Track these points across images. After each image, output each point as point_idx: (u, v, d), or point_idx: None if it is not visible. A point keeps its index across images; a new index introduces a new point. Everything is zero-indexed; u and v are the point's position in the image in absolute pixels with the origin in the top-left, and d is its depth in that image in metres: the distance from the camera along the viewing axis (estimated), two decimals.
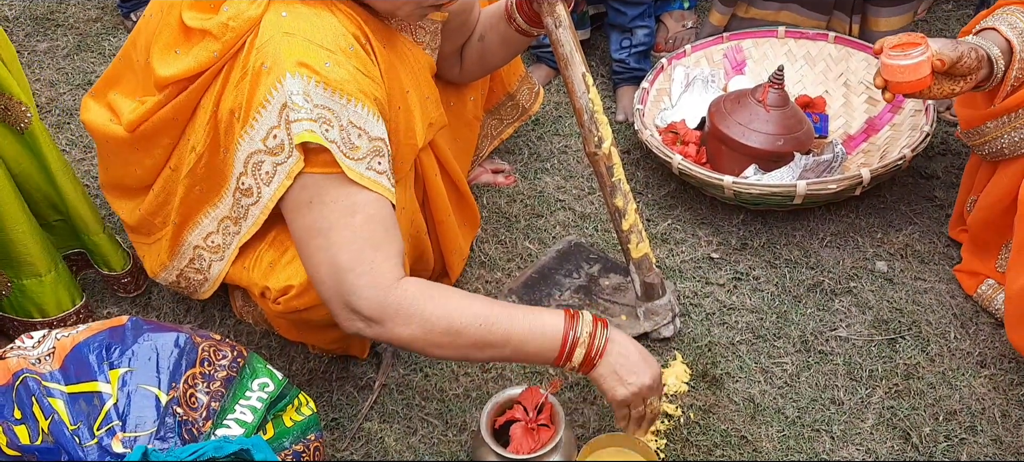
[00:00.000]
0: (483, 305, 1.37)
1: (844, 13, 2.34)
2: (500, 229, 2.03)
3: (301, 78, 1.28)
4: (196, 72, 1.39)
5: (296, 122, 1.28)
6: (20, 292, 1.69)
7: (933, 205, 2.03)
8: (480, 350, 1.37)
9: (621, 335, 1.43)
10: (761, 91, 2.03)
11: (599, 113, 1.62)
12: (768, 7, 2.37)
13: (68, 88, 2.53)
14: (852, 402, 1.64)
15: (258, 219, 1.42)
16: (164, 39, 1.44)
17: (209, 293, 1.62)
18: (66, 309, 1.74)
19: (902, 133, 2.07)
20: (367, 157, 1.33)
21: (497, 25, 1.74)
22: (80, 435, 1.16)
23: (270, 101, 1.30)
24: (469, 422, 1.64)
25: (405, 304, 1.32)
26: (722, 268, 1.92)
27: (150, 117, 1.48)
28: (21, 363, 1.21)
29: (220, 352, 1.30)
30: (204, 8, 1.39)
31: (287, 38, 1.30)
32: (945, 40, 1.53)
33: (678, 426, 1.61)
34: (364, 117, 1.33)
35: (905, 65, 1.47)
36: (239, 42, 1.34)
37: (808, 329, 1.78)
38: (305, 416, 1.35)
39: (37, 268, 1.67)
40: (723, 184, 1.89)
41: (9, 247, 1.63)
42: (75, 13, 2.82)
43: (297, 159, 1.31)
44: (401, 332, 1.33)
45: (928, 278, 1.87)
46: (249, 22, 1.33)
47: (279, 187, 1.35)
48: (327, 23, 1.33)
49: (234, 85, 1.36)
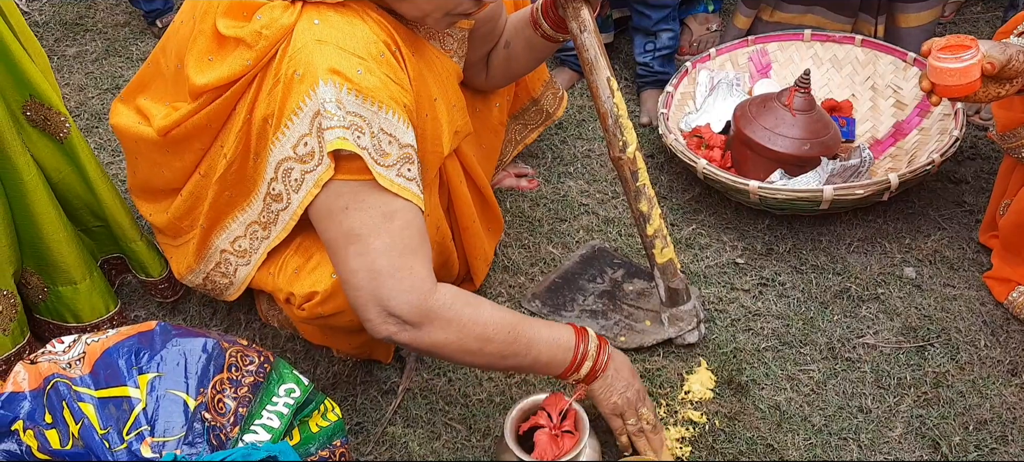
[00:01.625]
0: (509, 314, 1.42)
1: (870, 14, 2.31)
2: (524, 233, 2.03)
3: (334, 85, 1.29)
4: (230, 80, 1.40)
5: (329, 129, 1.29)
6: (56, 298, 1.72)
7: (962, 210, 2.00)
8: (504, 359, 1.41)
9: (617, 354, 1.52)
10: (787, 95, 2.01)
11: (624, 118, 1.62)
12: (792, 10, 2.35)
13: (96, 92, 2.56)
14: (880, 410, 1.63)
15: (288, 225, 1.44)
16: (199, 47, 1.45)
17: (235, 295, 1.64)
18: (100, 315, 1.77)
19: (930, 137, 2.04)
20: (397, 164, 1.34)
21: (523, 31, 1.74)
22: (110, 440, 1.18)
23: (303, 108, 1.31)
24: (493, 427, 1.64)
25: (444, 309, 1.34)
26: (747, 273, 1.90)
27: (183, 123, 1.49)
28: (52, 368, 1.23)
29: (247, 358, 1.31)
30: (238, 16, 1.40)
31: (319, 45, 1.31)
32: (992, 43, 1.50)
33: (703, 433, 1.60)
34: (394, 124, 1.33)
35: (955, 68, 1.43)
36: (272, 50, 1.35)
37: (835, 336, 1.76)
38: (331, 422, 1.36)
39: (72, 275, 1.70)
40: (749, 189, 1.88)
41: (46, 254, 1.66)
42: (103, 18, 2.85)
43: (327, 166, 1.32)
44: (437, 337, 1.35)
45: (957, 284, 1.84)
46: (282, 30, 1.34)
47: (307, 195, 1.36)
48: (359, 31, 1.34)
49: (267, 92, 1.37)
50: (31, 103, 1.59)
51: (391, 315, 1.33)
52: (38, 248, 1.65)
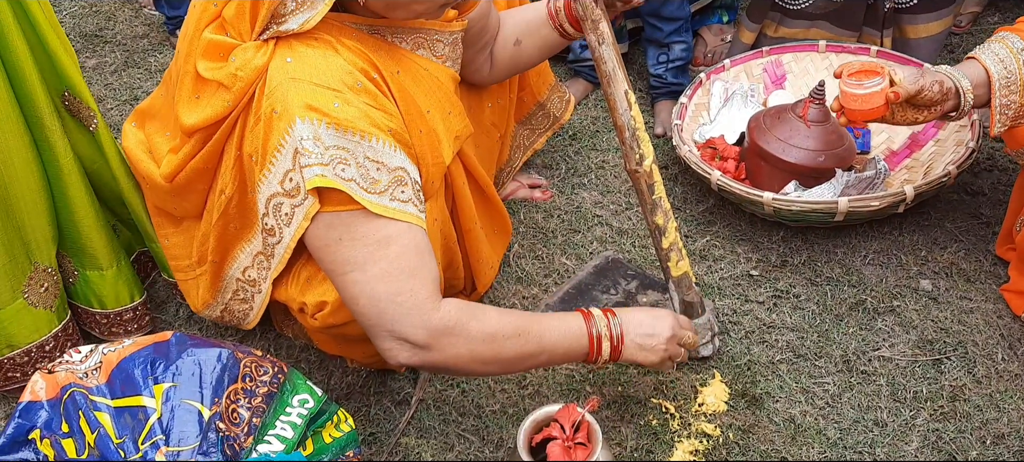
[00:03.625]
0: (515, 316, 1.42)
1: (874, 28, 2.31)
2: (537, 244, 2.03)
3: (310, 122, 1.29)
4: (215, 120, 1.44)
5: (307, 167, 1.30)
6: (84, 282, 1.76)
7: (979, 223, 1.98)
8: (520, 361, 1.42)
9: (626, 313, 1.49)
10: (802, 106, 2.00)
11: (641, 130, 1.62)
12: (796, 25, 2.35)
13: (115, 103, 2.59)
14: (896, 424, 1.61)
15: (283, 258, 1.45)
16: (185, 88, 1.49)
17: (253, 323, 1.66)
18: (124, 304, 1.80)
19: (947, 149, 2.03)
20: (389, 189, 1.35)
21: (538, 30, 1.74)
22: (125, 449, 1.19)
23: (284, 146, 1.32)
24: (505, 439, 1.64)
25: (450, 324, 1.34)
26: (761, 285, 1.89)
27: (184, 168, 1.53)
28: (69, 377, 1.24)
29: (261, 368, 1.32)
30: (215, 58, 1.42)
31: (294, 83, 1.31)
32: (912, 70, 1.58)
33: (717, 446, 1.60)
34: (380, 150, 1.34)
35: (858, 94, 1.54)
36: (250, 90, 1.37)
37: (850, 349, 1.75)
38: (344, 433, 1.36)
39: (100, 262, 1.74)
40: (763, 200, 1.87)
41: (78, 237, 1.70)
42: (123, 30, 2.89)
43: (312, 202, 1.33)
44: (449, 353, 1.35)
45: (974, 297, 1.83)
46: (256, 71, 1.36)
47: (298, 228, 1.37)
48: (332, 63, 1.34)
49: (250, 131, 1.39)
50: (67, 96, 1.64)
51: (400, 339, 1.33)
52: (71, 231, 1.70)
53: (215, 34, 1.42)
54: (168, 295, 1.97)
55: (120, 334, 1.81)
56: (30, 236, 1.63)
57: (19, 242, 1.61)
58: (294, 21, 1.33)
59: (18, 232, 1.61)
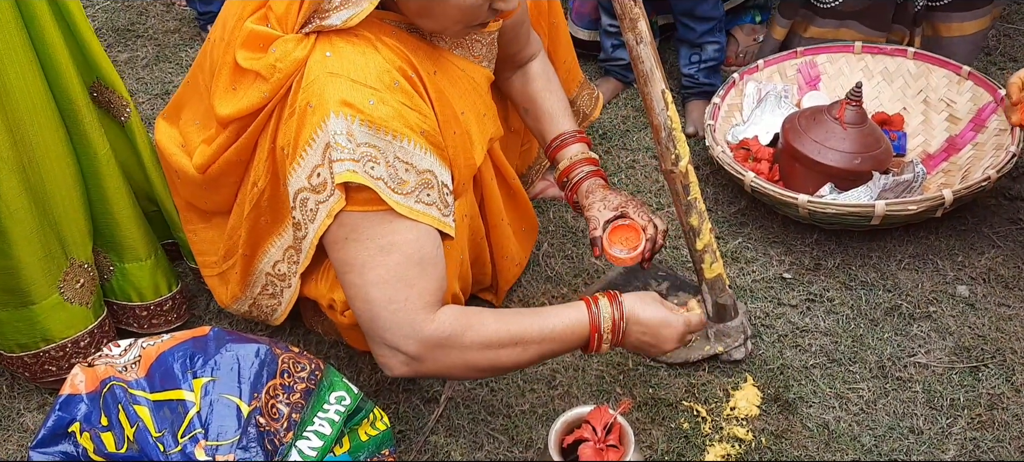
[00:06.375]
0: (515, 323, 1.40)
1: (903, 26, 2.28)
2: (567, 243, 2.02)
3: (344, 118, 1.30)
4: (251, 111, 1.44)
5: (338, 162, 1.30)
6: (122, 275, 1.77)
7: (1018, 228, 1.95)
8: (518, 366, 1.44)
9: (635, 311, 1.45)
10: (838, 108, 1.98)
11: (677, 131, 1.61)
12: (826, 24, 2.33)
13: (147, 97, 2.61)
14: (932, 432, 1.59)
15: (308, 253, 1.45)
16: (223, 78, 1.49)
17: (281, 319, 1.67)
18: (162, 294, 1.81)
19: (986, 153, 2.00)
20: (416, 190, 1.35)
21: (543, 139, 1.78)
22: (164, 442, 1.19)
23: (315, 140, 1.32)
24: (535, 439, 1.63)
25: (443, 336, 1.34)
26: (795, 289, 1.87)
27: (217, 159, 1.54)
28: (108, 371, 1.25)
29: (299, 364, 1.32)
30: (255, 48, 1.43)
31: (331, 78, 1.32)
32: None
33: (749, 451, 1.58)
34: (411, 151, 1.34)
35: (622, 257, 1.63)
36: (287, 82, 1.37)
37: (885, 354, 1.72)
38: (379, 431, 1.37)
39: (139, 252, 1.75)
40: (798, 203, 1.85)
41: (115, 230, 1.71)
42: (154, 25, 2.91)
43: (338, 198, 1.33)
44: (442, 364, 1.35)
45: (1013, 304, 1.80)
46: (295, 63, 1.36)
47: (321, 225, 1.37)
48: (371, 61, 1.34)
49: (284, 123, 1.39)
50: (97, 85, 1.64)
51: (392, 348, 1.34)
52: (108, 224, 1.71)
53: (257, 25, 1.42)
54: (198, 288, 1.98)
55: (160, 326, 1.82)
56: (66, 231, 1.64)
57: (54, 237, 1.62)
58: (337, 17, 1.33)
59: (54, 227, 1.61)
